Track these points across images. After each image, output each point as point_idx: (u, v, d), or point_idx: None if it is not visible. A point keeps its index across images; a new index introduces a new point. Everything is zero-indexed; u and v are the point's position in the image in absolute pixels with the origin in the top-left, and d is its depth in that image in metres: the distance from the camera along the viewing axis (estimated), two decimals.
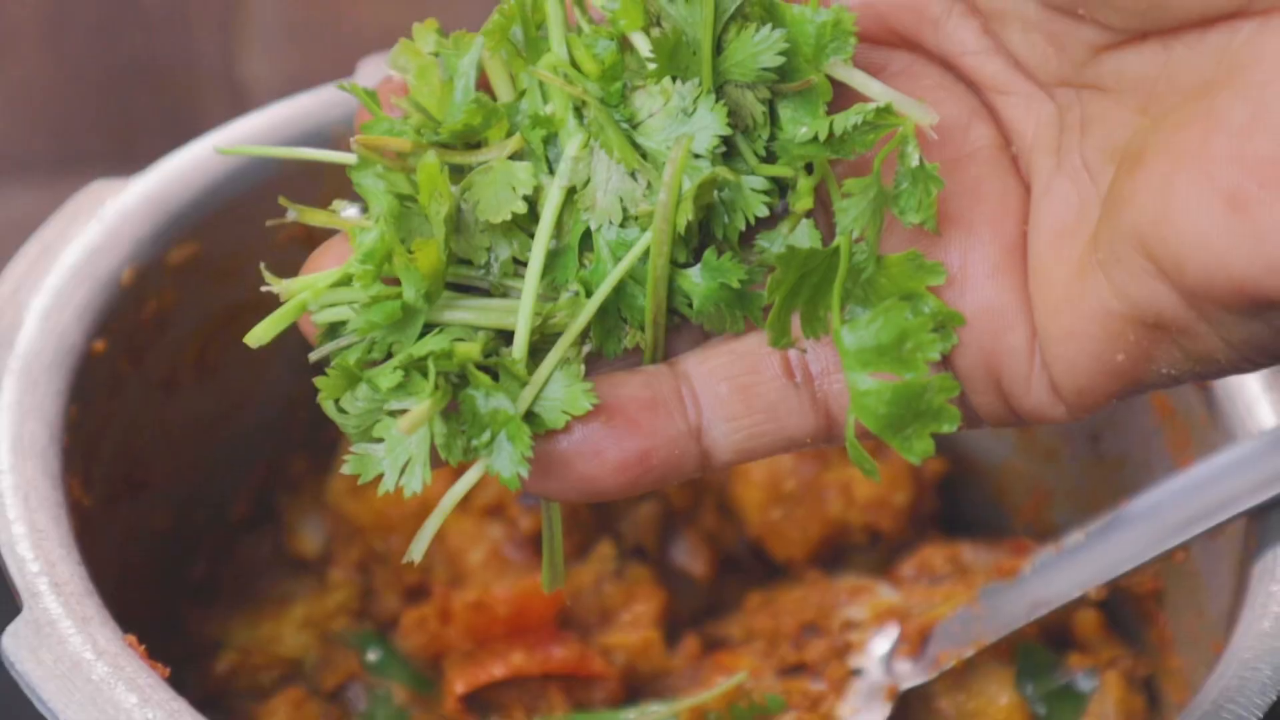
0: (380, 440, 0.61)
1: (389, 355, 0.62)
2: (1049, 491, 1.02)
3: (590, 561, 1.00)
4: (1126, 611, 1.01)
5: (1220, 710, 0.78)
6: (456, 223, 0.63)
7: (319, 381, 0.62)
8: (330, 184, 0.99)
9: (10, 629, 0.75)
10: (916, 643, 0.94)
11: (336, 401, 0.62)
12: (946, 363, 0.61)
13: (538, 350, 0.62)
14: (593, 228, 0.63)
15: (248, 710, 0.96)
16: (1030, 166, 0.61)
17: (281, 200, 0.66)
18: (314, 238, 1.00)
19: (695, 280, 0.62)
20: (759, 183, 0.63)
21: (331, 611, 1.00)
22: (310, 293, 0.63)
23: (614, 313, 0.64)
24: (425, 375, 0.60)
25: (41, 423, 0.84)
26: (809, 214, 0.63)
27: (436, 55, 0.67)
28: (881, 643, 0.95)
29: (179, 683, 0.97)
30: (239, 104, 1.00)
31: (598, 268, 0.63)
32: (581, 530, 1.02)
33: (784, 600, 1.00)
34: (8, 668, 0.75)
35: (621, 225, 0.62)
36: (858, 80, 0.62)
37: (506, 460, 0.60)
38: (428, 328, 0.63)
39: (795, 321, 0.62)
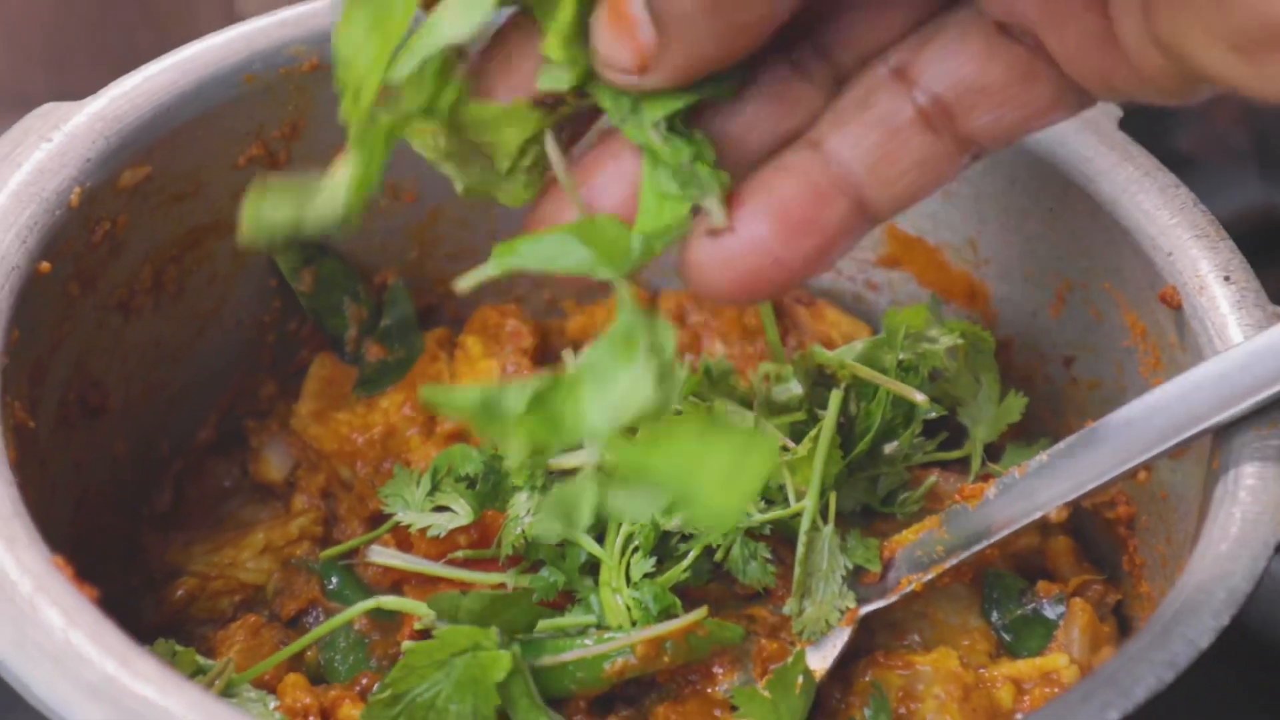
0: None
1: None
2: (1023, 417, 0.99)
3: None
4: (1099, 539, 0.99)
5: (1171, 633, 0.75)
6: None
7: None
8: (294, 102, 0.98)
9: None
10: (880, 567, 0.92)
11: None
12: None
13: None
14: None
15: (205, 636, 0.95)
16: None
17: None
18: (275, 160, 0.99)
19: None
20: None
21: (293, 538, 0.99)
22: None
23: None
24: None
25: None
26: None
27: None
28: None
29: (136, 609, 0.96)
30: None
31: None
32: None
33: None
34: None
35: None
36: None
37: None
38: None
39: None
